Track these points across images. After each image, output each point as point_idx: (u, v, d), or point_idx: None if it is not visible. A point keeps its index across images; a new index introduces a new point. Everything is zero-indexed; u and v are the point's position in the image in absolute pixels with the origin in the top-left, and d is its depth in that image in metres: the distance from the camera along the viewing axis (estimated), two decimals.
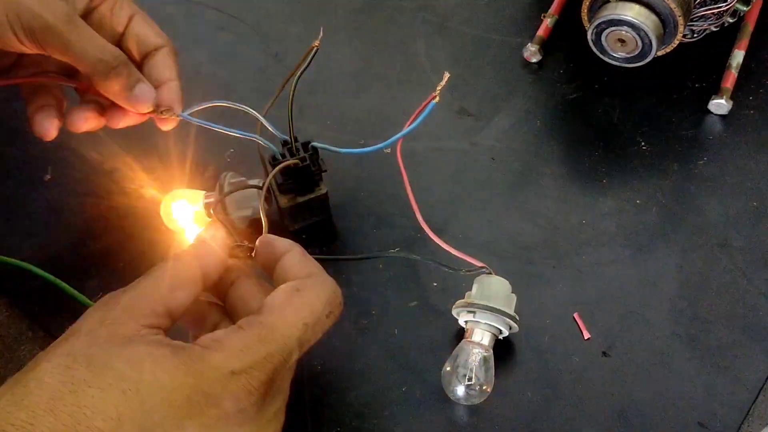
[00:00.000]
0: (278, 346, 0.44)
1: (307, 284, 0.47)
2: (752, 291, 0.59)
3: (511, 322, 0.55)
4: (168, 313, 0.45)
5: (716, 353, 0.57)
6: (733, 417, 0.54)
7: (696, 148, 0.67)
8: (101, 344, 0.41)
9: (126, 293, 0.45)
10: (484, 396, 0.54)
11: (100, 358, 0.41)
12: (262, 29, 0.78)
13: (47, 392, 0.39)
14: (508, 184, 0.67)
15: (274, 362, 0.43)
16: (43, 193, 0.67)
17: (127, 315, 0.43)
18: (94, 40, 0.53)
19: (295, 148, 0.58)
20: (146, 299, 0.45)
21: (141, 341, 0.42)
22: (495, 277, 0.56)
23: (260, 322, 0.44)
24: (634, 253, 0.62)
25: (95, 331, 0.42)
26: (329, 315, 0.47)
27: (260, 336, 0.44)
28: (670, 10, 0.63)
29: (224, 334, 0.44)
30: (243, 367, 0.42)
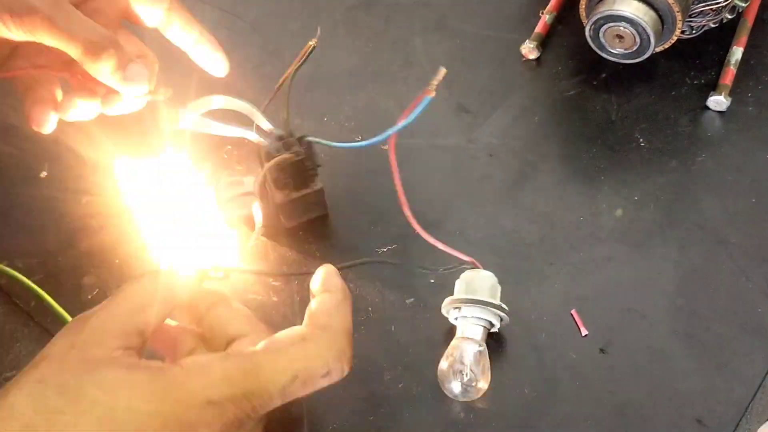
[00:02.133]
0: (259, 388, 0.41)
1: (315, 336, 0.44)
2: (751, 288, 0.59)
3: (500, 312, 0.54)
4: (138, 332, 0.43)
5: (714, 350, 0.57)
6: (731, 414, 0.54)
7: (694, 144, 0.67)
8: (73, 369, 0.40)
9: (94, 315, 0.43)
10: (482, 391, 0.54)
11: (73, 385, 0.39)
12: (260, 26, 0.78)
13: (20, 421, 0.38)
14: (505, 180, 0.66)
15: (252, 402, 0.41)
16: (39, 190, 0.67)
17: (96, 338, 0.41)
18: (82, 21, 0.51)
19: (290, 144, 0.58)
20: (115, 320, 0.43)
21: (114, 365, 0.40)
22: (478, 270, 0.56)
23: (249, 357, 0.43)
24: (631, 250, 0.62)
25: (66, 355, 0.41)
26: (326, 375, 0.44)
27: (245, 371, 0.42)
28: (669, 5, 0.63)
29: (209, 359, 0.42)
30: (220, 398, 0.40)
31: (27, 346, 0.61)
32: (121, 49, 0.52)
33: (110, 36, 0.51)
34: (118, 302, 0.44)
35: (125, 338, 0.42)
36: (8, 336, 0.62)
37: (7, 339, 0.62)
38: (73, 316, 0.60)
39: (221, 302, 0.49)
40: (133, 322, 0.43)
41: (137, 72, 0.52)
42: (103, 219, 0.65)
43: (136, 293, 0.44)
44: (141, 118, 0.63)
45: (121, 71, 0.52)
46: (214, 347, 0.47)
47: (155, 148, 0.59)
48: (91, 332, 0.42)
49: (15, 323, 0.62)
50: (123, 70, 0.52)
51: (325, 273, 0.49)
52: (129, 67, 0.52)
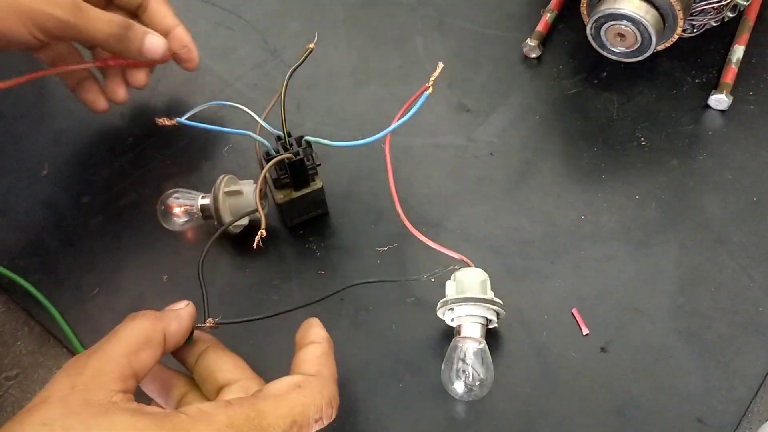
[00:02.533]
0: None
1: (309, 383, 0.46)
2: (752, 287, 0.59)
3: (494, 306, 0.54)
4: (134, 375, 0.44)
5: (715, 349, 0.57)
6: (732, 413, 0.54)
7: (695, 143, 0.67)
8: (77, 413, 0.40)
9: (92, 357, 0.43)
10: (486, 389, 0.54)
11: (78, 429, 0.39)
12: (261, 25, 0.78)
13: None
14: (506, 179, 0.66)
15: None
16: (40, 188, 0.67)
17: (97, 381, 0.42)
18: (100, 18, 0.59)
19: (288, 143, 0.58)
20: (113, 363, 0.43)
21: (118, 410, 0.41)
22: (466, 269, 0.56)
23: (251, 405, 0.43)
24: (632, 249, 0.62)
25: (67, 398, 0.41)
26: (318, 420, 0.46)
27: (248, 417, 0.43)
28: (670, 4, 0.63)
29: (213, 407, 0.43)
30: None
31: (27, 346, 0.61)
32: (135, 28, 0.61)
33: (124, 22, 0.60)
34: (115, 344, 0.44)
35: (123, 382, 0.43)
36: (9, 335, 0.62)
37: (8, 338, 0.62)
38: (72, 315, 0.61)
39: (212, 348, 0.50)
40: (130, 365, 0.44)
41: (154, 41, 0.62)
42: (104, 218, 0.65)
43: (133, 335, 0.45)
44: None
45: (141, 47, 0.61)
46: (206, 392, 0.49)
47: None
48: (92, 374, 0.42)
49: (15, 322, 0.62)
50: (143, 45, 0.61)
51: (308, 325, 0.51)
52: (146, 40, 0.62)
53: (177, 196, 0.62)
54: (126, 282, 0.62)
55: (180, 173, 0.67)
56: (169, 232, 0.63)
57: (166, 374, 0.50)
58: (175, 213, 0.61)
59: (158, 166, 0.68)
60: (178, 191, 0.62)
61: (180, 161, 0.68)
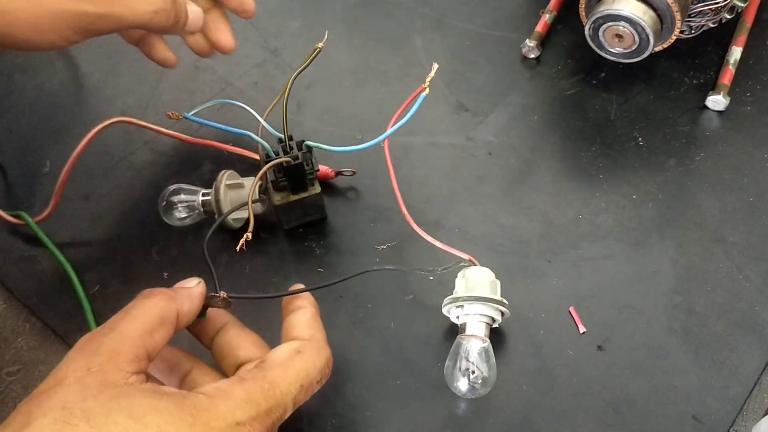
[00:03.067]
0: (277, 402, 0.45)
1: (307, 348, 0.48)
2: (748, 286, 0.59)
3: (501, 307, 0.55)
4: (147, 356, 0.44)
5: (711, 347, 0.57)
6: (727, 410, 0.54)
7: (693, 143, 0.67)
8: (96, 395, 0.40)
9: (107, 337, 0.43)
10: (489, 387, 0.54)
11: (99, 412, 0.39)
12: (261, 24, 0.79)
13: None
14: (505, 178, 0.67)
15: (272, 417, 0.44)
16: (42, 186, 0.68)
17: (113, 362, 0.42)
18: (138, 1, 0.54)
19: (289, 146, 0.58)
20: (129, 343, 0.43)
21: (136, 392, 0.41)
22: (476, 267, 0.57)
23: (263, 377, 0.45)
24: (630, 248, 0.62)
25: (83, 379, 0.41)
26: (319, 381, 0.48)
27: (263, 390, 0.44)
28: (667, 5, 0.63)
29: (228, 384, 0.44)
30: (247, 418, 0.43)
31: (28, 342, 0.62)
32: (176, 3, 0.56)
33: (166, 2, 0.55)
34: (129, 323, 0.44)
35: (137, 363, 0.43)
36: (10, 331, 0.62)
37: (9, 334, 0.62)
38: (72, 310, 0.61)
39: (231, 326, 0.51)
40: (145, 346, 0.44)
41: (195, 14, 0.59)
42: (107, 213, 0.66)
43: (147, 315, 0.45)
44: None
45: (185, 22, 0.58)
46: (225, 368, 0.50)
47: None
48: (108, 355, 0.42)
49: (17, 319, 0.63)
50: (187, 20, 0.58)
51: (294, 290, 0.53)
52: (189, 14, 0.58)
53: (178, 191, 0.62)
54: (126, 279, 0.63)
55: (181, 171, 0.68)
56: (170, 229, 0.63)
57: (171, 353, 0.50)
58: (176, 208, 0.62)
59: (159, 163, 0.68)
60: (180, 187, 0.62)
61: (181, 159, 0.69)
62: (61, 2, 0.51)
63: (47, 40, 0.52)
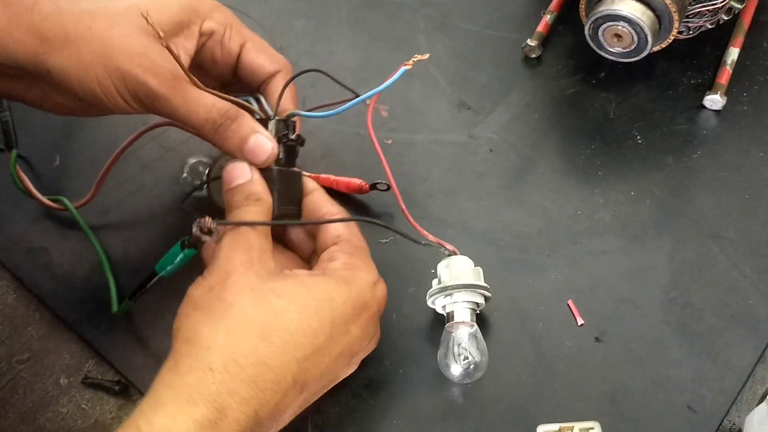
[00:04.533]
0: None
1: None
2: (742, 280, 0.61)
3: (485, 292, 0.57)
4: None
5: (706, 340, 0.58)
6: (721, 401, 0.56)
7: (690, 142, 0.69)
8: (270, 279, 0.50)
9: (250, 235, 0.51)
10: (483, 369, 0.55)
11: (283, 289, 0.50)
12: (266, 23, 0.80)
13: (255, 323, 0.48)
14: (505, 175, 0.68)
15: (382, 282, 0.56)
16: (52, 180, 0.69)
17: (265, 254, 0.52)
18: (199, 100, 0.53)
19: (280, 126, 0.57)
20: (267, 240, 0.53)
21: (292, 275, 0.52)
22: (457, 256, 0.58)
23: (358, 244, 0.57)
24: (627, 243, 0.63)
25: (251, 268, 0.50)
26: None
27: (367, 260, 0.56)
28: (665, 5, 0.64)
29: (349, 258, 0.54)
30: (377, 278, 0.55)
31: (38, 331, 0.63)
32: (241, 123, 0.54)
33: (228, 112, 0.54)
34: (252, 228, 0.52)
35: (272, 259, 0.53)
36: (20, 320, 0.64)
37: (19, 323, 0.63)
38: (82, 300, 0.62)
39: (316, 191, 0.59)
40: (270, 245, 0.53)
41: (257, 145, 0.54)
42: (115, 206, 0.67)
43: (261, 217, 0.53)
44: None
45: (243, 145, 0.54)
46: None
47: None
48: (259, 250, 0.51)
49: (27, 308, 0.64)
50: (246, 144, 0.54)
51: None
52: (252, 139, 0.54)
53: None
54: (140, 268, 0.64)
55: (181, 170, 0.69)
56: (181, 214, 0.65)
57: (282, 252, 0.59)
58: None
59: (162, 157, 0.70)
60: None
61: (182, 157, 0.70)
62: (131, 66, 0.51)
63: (110, 100, 0.52)
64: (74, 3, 0.53)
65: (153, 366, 0.58)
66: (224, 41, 0.58)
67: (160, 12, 0.54)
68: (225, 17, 0.58)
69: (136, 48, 0.52)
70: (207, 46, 0.58)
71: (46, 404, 0.59)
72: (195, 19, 0.56)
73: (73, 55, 0.51)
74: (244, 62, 0.59)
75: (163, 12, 0.54)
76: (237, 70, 0.60)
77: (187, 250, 0.54)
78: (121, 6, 0.53)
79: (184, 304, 0.49)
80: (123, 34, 0.52)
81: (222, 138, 0.54)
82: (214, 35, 0.58)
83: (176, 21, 0.55)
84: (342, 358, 0.52)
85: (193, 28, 0.56)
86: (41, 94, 0.56)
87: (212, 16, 0.57)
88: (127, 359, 0.60)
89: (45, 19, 0.51)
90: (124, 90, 0.52)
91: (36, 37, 0.51)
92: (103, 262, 0.63)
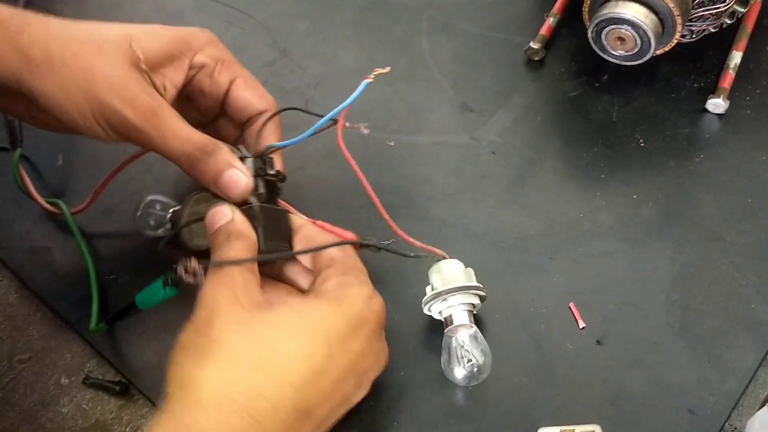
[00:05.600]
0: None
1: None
2: (744, 284, 0.61)
3: (479, 291, 0.56)
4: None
5: (708, 343, 0.58)
6: (723, 405, 0.55)
7: (693, 145, 0.69)
8: (258, 310, 0.49)
9: (234, 271, 0.50)
10: (488, 370, 0.55)
11: (271, 318, 0.49)
12: (270, 25, 0.80)
13: (246, 356, 0.46)
14: (508, 177, 0.68)
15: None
16: (54, 181, 0.69)
17: (250, 287, 0.50)
18: (176, 133, 0.53)
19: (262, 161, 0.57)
20: (251, 273, 0.51)
21: (281, 302, 0.51)
22: (446, 260, 0.58)
23: (352, 262, 0.56)
24: (629, 246, 0.63)
25: (238, 302, 0.48)
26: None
27: (361, 270, 0.56)
28: (669, 9, 0.65)
29: (342, 277, 0.53)
30: (371, 292, 0.53)
31: (40, 330, 0.63)
32: (217, 157, 0.54)
33: (206, 145, 0.54)
34: (248, 257, 0.52)
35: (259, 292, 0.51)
36: (21, 320, 0.64)
37: (21, 323, 0.63)
38: (84, 301, 0.62)
39: (306, 225, 0.58)
40: (256, 278, 0.52)
41: (232, 180, 0.54)
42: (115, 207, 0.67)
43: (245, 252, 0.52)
44: None
45: (217, 178, 0.54)
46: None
47: None
48: (244, 286, 0.50)
49: (28, 308, 0.64)
50: (219, 177, 0.54)
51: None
52: (223, 176, 0.54)
53: (154, 203, 0.60)
54: (131, 276, 0.64)
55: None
56: None
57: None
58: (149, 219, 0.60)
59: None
60: (156, 199, 0.59)
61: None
62: (110, 97, 0.52)
63: (87, 128, 0.53)
64: (65, 28, 0.54)
65: (154, 366, 0.59)
66: (214, 75, 0.59)
67: (151, 42, 0.55)
68: (218, 52, 0.60)
69: (118, 78, 0.52)
70: (196, 78, 0.59)
71: (47, 404, 0.60)
72: (186, 51, 0.58)
73: (55, 80, 0.52)
74: (232, 97, 0.60)
75: (153, 42, 0.55)
76: (225, 105, 0.61)
77: (169, 289, 0.53)
78: (111, 34, 0.54)
79: (174, 352, 0.48)
80: (107, 63, 0.53)
81: (197, 171, 0.54)
82: (205, 68, 0.59)
83: (166, 52, 0.56)
84: (346, 378, 0.50)
85: (183, 60, 0.57)
86: (26, 110, 0.56)
87: (205, 50, 0.59)
88: (128, 360, 0.60)
89: (34, 42, 0.52)
90: (102, 119, 0.53)
91: (22, 59, 0.52)
92: (91, 274, 0.63)
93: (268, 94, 0.61)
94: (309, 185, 0.68)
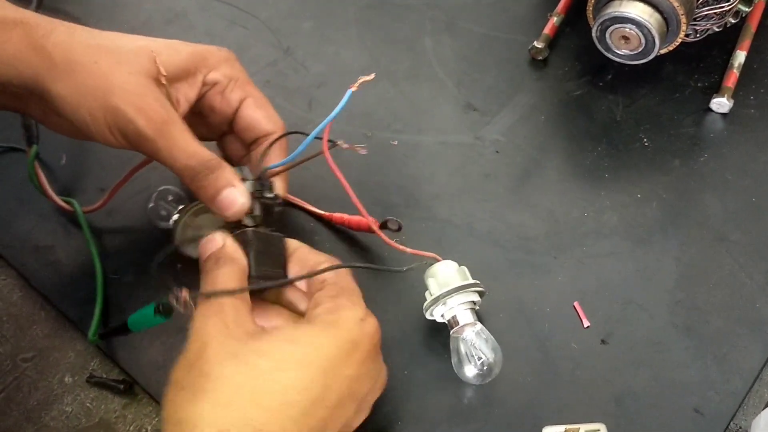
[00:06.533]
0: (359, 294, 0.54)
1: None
2: (749, 283, 0.61)
3: (478, 288, 0.56)
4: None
5: (712, 343, 0.58)
6: (728, 404, 0.55)
7: (697, 145, 0.69)
8: (250, 340, 0.48)
9: (224, 302, 0.49)
10: (499, 365, 0.55)
11: (265, 349, 0.47)
12: (274, 24, 0.80)
13: (239, 389, 0.45)
14: (511, 177, 0.68)
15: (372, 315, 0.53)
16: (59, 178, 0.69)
17: (240, 317, 0.49)
18: (183, 147, 0.54)
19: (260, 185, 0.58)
20: (241, 301, 0.50)
21: (274, 331, 0.50)
22: (438, 264, 0.58)
23: (344, 285, 0.54)
24: (633, 246, 0.63)
25: (230, 334, 0.48)
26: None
27: (355, 292, 0.54)
28: (673, 8, 0.64)
29: (334, 300, 0.52)
30: (364, 314, 0.51)
31: (43, 329, 0.63)
32: (218, 174, 0.54)
33: (209, 162, 0.54)
34: (237, 286, 0.51)
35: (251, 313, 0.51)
36: (25, 319, 0.64)
37: (25, 321, 0.63)
38: (88, 300, 0.62)
39: (300, 248, 0.57)
40: (246, 304, 0.51)
41: (229, 199, 0.54)
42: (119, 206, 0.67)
43: (234, 282, 0.51)
44: None
45: (216, 196, 0.54)
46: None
47: None
48: (234, 314, 0.49)
49: (32, 307, 0.64)
50: (217, 195, 0.54)
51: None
52: (221, 195, 0.54)
53: (165, 193, 0.62)
54: (139, 275, 0.64)
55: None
56: None
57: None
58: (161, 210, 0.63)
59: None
60: (168, 189, 0.62)
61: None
62: (124, 104, 0.52)
63: (98, 134, 0.54)
64: (89, 35, 0.55)
65: (158, 365, 0.59)
66: (226, 92, 0.60)
67: (171, 56, 0.56)
68: (232, 71, 0.60)
69: (134, 87, 0.53)
70: (208, 94, 0.60)
71: (51, 403, 0.59)
72: (202, 68, 0.59)
73: (72, 84, 0.53)
74: (241, 116, 0.61)
75: (173, 56, 0.56)
76: (233, 123, 0.61)
77: (159, 317, 0.52)
78: (133, 45, 0.55)
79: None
80: (125, 72, 0.54)
81: (198, 186, 0.54)
82: (217, 86, 0.60)
83: (183, 67, 0.57)
84: (344, 404, 0.49)
85: (198, 77, 0.59)
86: (42, 112, 0.57)
87: (220, 68, 0.60)
88: (132, 358, 0.60)
89: (56, 46, 0.53)
90: (114, 125, 0.53)
91: (44, 61, 0.53)
92: (98, 277, 0.63)
93: (277, 117, 0.62)
94: (311, 185, 0.68)
